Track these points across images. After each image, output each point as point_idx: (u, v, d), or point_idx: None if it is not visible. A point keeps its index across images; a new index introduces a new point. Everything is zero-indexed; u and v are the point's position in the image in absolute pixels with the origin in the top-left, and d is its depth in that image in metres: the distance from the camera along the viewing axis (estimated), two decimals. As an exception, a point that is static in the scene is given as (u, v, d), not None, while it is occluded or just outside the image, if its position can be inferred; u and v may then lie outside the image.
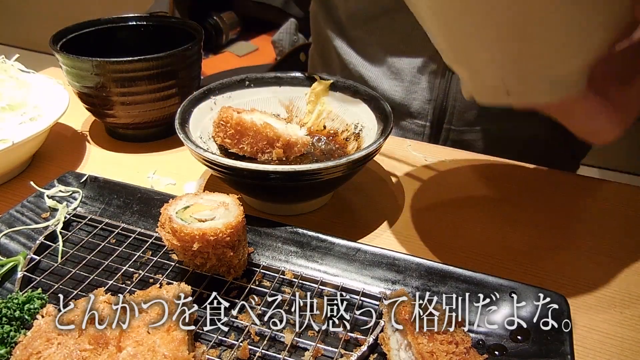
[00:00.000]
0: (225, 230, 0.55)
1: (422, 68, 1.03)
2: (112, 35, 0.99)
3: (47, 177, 0.82)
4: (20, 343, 0.46)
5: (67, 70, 0.86)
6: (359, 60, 1.10)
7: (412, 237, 0.73)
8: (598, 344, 0.57)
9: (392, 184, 0.84)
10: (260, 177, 0.64)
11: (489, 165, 0.89)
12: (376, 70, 1.09)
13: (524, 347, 0.52)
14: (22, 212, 0.69)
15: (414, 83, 1.05)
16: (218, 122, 0.76)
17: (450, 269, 0.59)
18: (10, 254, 0.64)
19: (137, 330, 0.47)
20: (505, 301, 0.56)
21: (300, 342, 0.54)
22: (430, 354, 0.46)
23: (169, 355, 0.45)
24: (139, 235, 0.68)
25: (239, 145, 0.76)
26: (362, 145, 0.76)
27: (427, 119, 1.08)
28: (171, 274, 0.63)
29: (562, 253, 0.69)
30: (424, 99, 1.06)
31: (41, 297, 0.54)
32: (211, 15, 2.21)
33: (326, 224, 0.75)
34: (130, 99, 0.86)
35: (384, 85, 1.08)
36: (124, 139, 0.96)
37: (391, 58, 1.05)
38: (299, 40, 1.90)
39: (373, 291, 0.59)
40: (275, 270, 0.63)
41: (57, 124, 0.95)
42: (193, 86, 0.93)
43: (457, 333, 0.48)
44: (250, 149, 0.75)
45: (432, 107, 1.06)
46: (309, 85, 0.84)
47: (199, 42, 0.90)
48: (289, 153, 0.77)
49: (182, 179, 0.85)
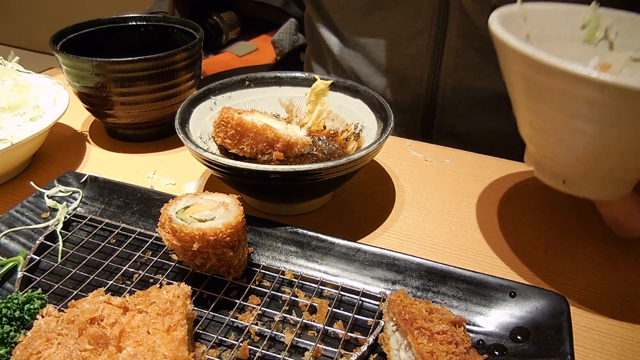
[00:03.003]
0: (225, 230, 0.55)
1: (411, 63, 1.04)
2: (112, 35, 0.99)
3: (47, 177, 0.82)
4: (20, 343, 0.46)
5: (67, 70, 0.86)
6: (352, 56, 1.11)
7: (412, 237, 0.73)
8: (598, 344, 0.57)
9: (392, 184, 0.84)
10: (261, 177, 0.64)
11: (488, 165, 0.89)
12: (367, 67, 1.10)
13: (524, 347, 0.52)
14: (22, 212, 0.69)
15: (404, 79, 1.06)
16: (219, 123, 0.76)
17: (450, 269, 0.59)
18: (10, 254, 0.64)
19: (137, 330, 0.47)
20: (505, 301, 0.56)
21: (300, 342, 0.54)
22: (430, 354, 0.46)
23: (169, 355, 0.45)
24: (139, 236, 0.68)
25: (239, 146, 0.76)
26: (362, 145, 0.76)
27: (418, 114, 1.09)
28: (171, 274, 0.63)
29: (562, 253, 0.69)
30: (414, 94, 1.06)
31: (41, 297, 0.54)
32: (211, 15, 2.21)
33: (326, 224, 0.75)
34: (130, 99, 0.86)
35: (375, 81, 1.09)
36: (124, 139, 0.96)
37: (381, 54, 1.06)
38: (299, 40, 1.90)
39: (373, 291, 0.59)
40: (275, 270, 0.63)
41: (57, 124, 0.95)
42: (193, 86, 0.93)
43: (457, 333, 0.48)
44: (250, 150, 0.76)
45: (422, 101, 1.06)
46: (309, 85, 0.84)
47: (199, 42, 0.90)
48: (289, 153, 0.77)
49: (182, 179, 0.85)
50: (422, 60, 1.02)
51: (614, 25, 0.64)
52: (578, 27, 0.65)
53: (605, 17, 0.64)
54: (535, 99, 0.54)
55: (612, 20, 0.64)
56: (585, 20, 0.64)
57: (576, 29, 0.65)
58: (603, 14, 0.64)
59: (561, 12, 0.65)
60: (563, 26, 0.64)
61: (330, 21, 1.12)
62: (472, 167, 0.89)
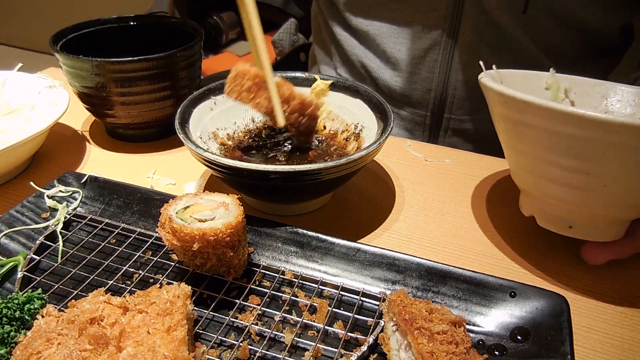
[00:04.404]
0: (225, 230, 0.55)
1: (422, 58, 1.03)
2: (112, 35, 0.99)
3: (47, 177, 0.82)
4: (20, 343, 0.46)
5: (67, 70, 0.86)
6: (362, 50, 1.11)
7: (412, 237, 0.73)
8: (598, 344, 0.57)
9: (392, 184, 0.84)
10: (261, 177, 0.64)
11: (489, 165, 0.89)
12: (377, 61, 1.09)
13: (524, 347, 0.52)
14: (22, 212, 0.69)
15: (414, 73, 1.05)
16: (234, 77, 0.72)
17: (450, 269, 0.59)
18: (10, 254, 0.64)
19: (137, 330, 0.47)
20: (505, 301, 0.56)
21: (300, 342, 0.54)
22: (430, 354, 0.46)
23: (169, 355, 0.45)
24: (139, 236, 0.68)
25: (256, 99, 0.72)
26: (362, 145, 0.76)
27: (427, 109, 1.08)
28: (171, 274, 0.63)
29: (562, 253, 0.70)
30: (424, 89, 1.06)
31: (41, 297, 0.54)
32: (211, 15, 2.21)
33: (326, 224, 0.75)
34: (130, 99, 0.86)
35: (385, 75, 1.09)
36: (124, 139, 0.96)
37: (391, 48, 1.05)
38: (299, 40, 1.90)
39: (373, 291, 0.59)
40: (275, 270, 0.63)
41: (57, 124, 0.95)
42: (193, 86, 0.93)
43: (457, 333, 0.48)
44: (267, 103, 0.72)
45: (432, 97, 1.06)
46: (309, 85, 0.84)
47: (199, 42, 0.90)
48: (301, 112, 0.74)
49: (182, 179, 0.85)
50: (434, 55, 1.02)
51: (571, 87, 0.77)
52: (542, 89, 0.77)
53: (562, 81, 0.77)
54: (515, 136, 0.63)
55: (569, 84, 0.77)
56: (548, 84, 0.76)
57: (542, 90, 0.77)
58: (560, 78, 0.76)
59: (527, 76, 0.77)
60: (531, 88, 0.76)
61: (341, 15, 1.12)
62: (472, 167, 0.89)
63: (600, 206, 0.59)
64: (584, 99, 0.76)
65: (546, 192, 0.63)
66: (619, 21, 1.01)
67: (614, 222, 0.62)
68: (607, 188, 0.56)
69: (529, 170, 0.64)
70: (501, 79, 0.73)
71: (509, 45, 0.98)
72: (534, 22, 0.95)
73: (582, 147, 0.55)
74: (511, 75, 0.75)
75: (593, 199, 0.59)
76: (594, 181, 0.57)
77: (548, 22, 0.96)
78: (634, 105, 0.73)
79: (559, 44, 0.99)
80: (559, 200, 0.62)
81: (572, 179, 0.58)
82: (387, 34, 1.04)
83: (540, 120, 0.56)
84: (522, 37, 0.97)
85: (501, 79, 0.73)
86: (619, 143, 0.52)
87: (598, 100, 0.76)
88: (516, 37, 0.97)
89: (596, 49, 1.04)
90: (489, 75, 0.68)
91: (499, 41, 0.98)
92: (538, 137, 0.58)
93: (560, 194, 0.61)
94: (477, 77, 0.68)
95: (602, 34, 1.01)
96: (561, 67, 0.85)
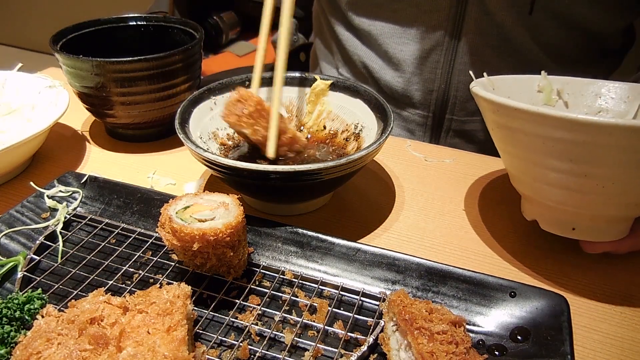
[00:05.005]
0: (225, 230, 0.55)
1: (424, 59, 1.03)
2: (112, 35, 0.99)
3: (47, 177, 0.82)
4: (20, 343, 0.46)
5: (67, 70, 0.86)
6: (364, 50, 1.11)
7: (412, 237, 0.73)
8: (598, 344, 0.57)
9: (392, 184, 0.84)
10: (261, 177, 0.64)
11: (489, 165, 0.89)
12: (379, 61, 1.09)
13: (524, 347, 0.52)
14: (22, 212, 0.69)
15: (416, 74, 1.05)
16: (235, 100, 0.73)
17: (450, 269, 0.59)
18: (10, 254, 0.64)
19: (137, 330, 0.47)
20: (505, 301, 0.56)
21: (300, 342, 0.54)
22: (430, 354, 0.46)
23: (169, 355, 0.45)
24: (139, 236, 0.68)
25: (254, 126, 0.73)
26: (362, 145, 0.76)
27: (429, 110, 1.08)
28: (171, 274, 0.63)
29: (562, 253, 0.69)
30: (426, 90, 1.06)
31: (41, 297, 0.54)
32: (211, 15, 2.21)
33: (326, 224, 0.75)
34: (130, 99, 0.86)
35: (387, 76, 1.09)
36: (124, 139, 0.96)
37: (393, 49, 1.05)
38: (299, 40, 1.89)
39: (373, 291, 0.59)
40: (275, 270, 0.63)
41: (57, 124, 0.95)
42: (193, 86, 0.93)
43: (457, 333, 0.48)
44: (264, 132, 0.73)
45: (434, 97, 1.06)
46: (309, 85, 0.84)
47: (199, 42, 0.90)
48: (290, 148, 0.76)
49: (182, 179, 0.85)
50: (436, 55, 1.02)
51: (564, 88, 0.76)
52: (535, 91, 0.77)
53: (555, 82, 0.76)
54: (510, 142, 0.63)
55: (561, 85, 0.76)
56: (540, 87, 0.76)
57: (534, 93, 0.77)
58: (552, 79, 0.76)
59: (519, 80, 0.77)
60: (524, 92, 0.76)
61: (344, 14, 1.11)
62: (473, 167, 0.89)
63: (600, 207, 0.60)
64: (578, 99, 0.76)
65: (545, 196, 0.63)
66: (622, 22, 1.01)
67: (615, 221, 0.62)
68: (605, 189, 0.56)
69: (526, 175, 0.64)
70: (493, 86, 0.73)
71: (512, 47, 0.98)
72: (537, 23, 0.95)
73: (577, 150, 0.55)
74: (503, 80, 0.75)
75: (593, 201, 0.59)
76: (592, 183, 0.57)
77: (551, 24, 0.96)
78: (628, 101, 0.73)
79: (561, 45, 0.99)
80: (559, 204, 0.62)
81: (570, 181, 0.58)
82: (390, 34, 1.04)
83: (532, 126, 0.57)
84: (525, 39, 0.97)
85: (493, 85, 0.73)
86: (612, 144, 0.52)
87: (592, 99, 0.75)
88: (519, 38, 0.97)
89: (598, 50, 1.04)
90: (480, 84, 0.68)
91: (502, 42, 0.98)
92: (532, 143, 0.58)
93: (560, 197, 0.61)
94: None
95: (605, 35, 1.01)
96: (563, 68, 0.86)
